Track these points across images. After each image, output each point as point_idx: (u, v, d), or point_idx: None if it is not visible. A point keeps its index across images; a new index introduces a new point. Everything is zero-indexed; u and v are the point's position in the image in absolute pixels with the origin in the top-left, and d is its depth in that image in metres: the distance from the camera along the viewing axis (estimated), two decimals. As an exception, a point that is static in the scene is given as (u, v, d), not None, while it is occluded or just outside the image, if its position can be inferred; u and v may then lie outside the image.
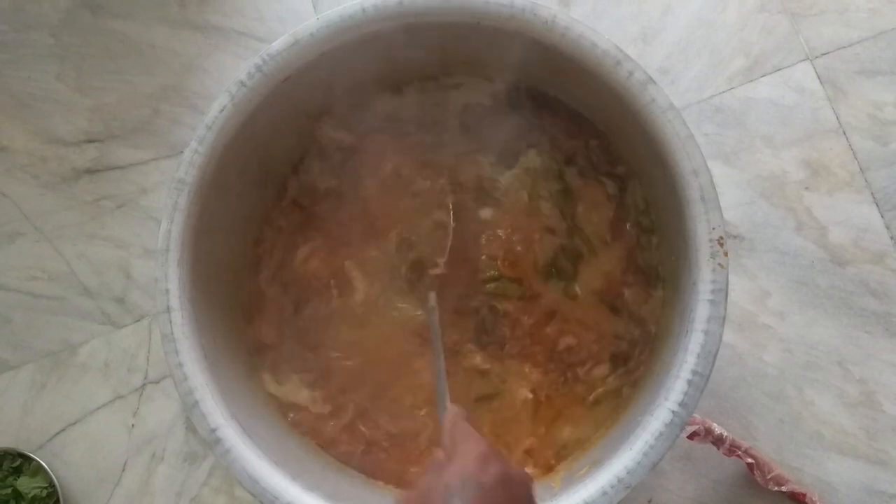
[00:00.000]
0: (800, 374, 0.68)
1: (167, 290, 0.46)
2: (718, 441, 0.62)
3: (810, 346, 0.68)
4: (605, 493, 0.43)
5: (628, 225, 0.56)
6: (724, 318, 0.43)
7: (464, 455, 0.38)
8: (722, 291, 0.43)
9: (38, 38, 0.75)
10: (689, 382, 0.43)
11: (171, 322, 0.46)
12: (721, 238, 0.43)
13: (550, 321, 0.57)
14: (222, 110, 0.47)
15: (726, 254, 0.43)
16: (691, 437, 0.62)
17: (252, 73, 0.48)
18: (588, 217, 0.57)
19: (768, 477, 0.63)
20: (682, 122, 0.45)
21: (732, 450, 0.62)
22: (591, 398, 0.55)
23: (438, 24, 0.48)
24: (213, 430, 0.45)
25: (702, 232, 0.44)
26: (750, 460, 0.63)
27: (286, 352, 0.57)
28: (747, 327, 0.68)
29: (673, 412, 0.43)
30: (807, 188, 0.70)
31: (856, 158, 0.70)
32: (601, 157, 0.57)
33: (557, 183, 0.57)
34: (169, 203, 0.47)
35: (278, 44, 0.48)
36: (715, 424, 0.62)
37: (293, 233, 0.59)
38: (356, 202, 0.59)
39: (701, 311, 0.43)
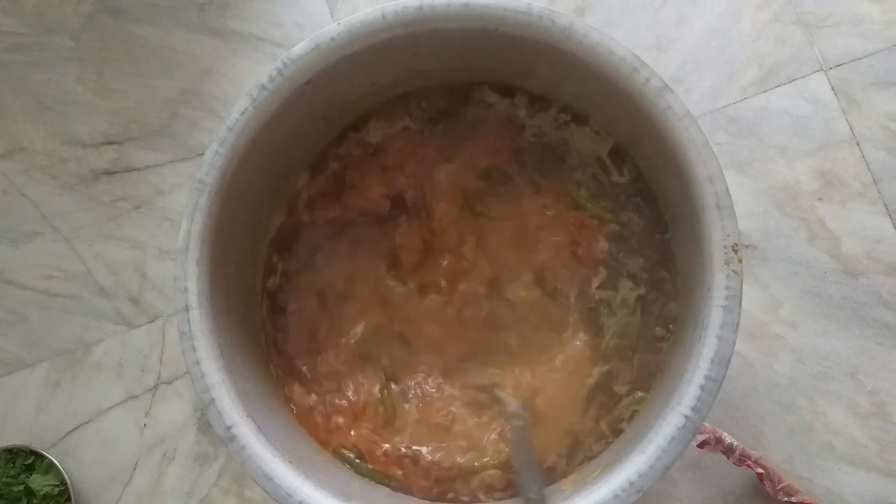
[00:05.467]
0: (811, 384, 0.67)
1: (186, 289, 0.47)
2: (728, 450, 0.62)
3: (822, 357, 0.68)
4: (616, 497, 0.43)
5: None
6: (737, 325, 0.43)
7: None
8: (736, 298, 0.43)
9: (59, 42, 0.76)
10: (702, 388, 0.43)
11: (189, 320, 0.46)
12: (735, 245, 0.43)
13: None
14: (243, 112, 0.48)
15: (740, 260, 0.43)
16: (701, 445, 0.62)
17: (273, 77, 0.48)
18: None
19: (778, 487, 0.63)
20: (699, 129, 0.45)
21: (742, 459, 0.62)
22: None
23: (458, 29, 0.48)
24: (229, 428, 0.45)
25: (716, 238, 0.44)
26: (760, 470, 0.63)
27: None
28: (759, 336, 0.68)
29: (686, 417, 0.43)
30: (820, 199, 0.70)
31: (869, 170, 0.70)
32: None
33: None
34: (189, 203, 0.48)
35: (299, 48, 0.48)
36: (725, 433, 0.62)
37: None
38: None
39: (715, 317, 0.43)
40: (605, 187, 0.57)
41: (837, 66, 0.72)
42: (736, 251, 0.43)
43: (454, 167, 0.58)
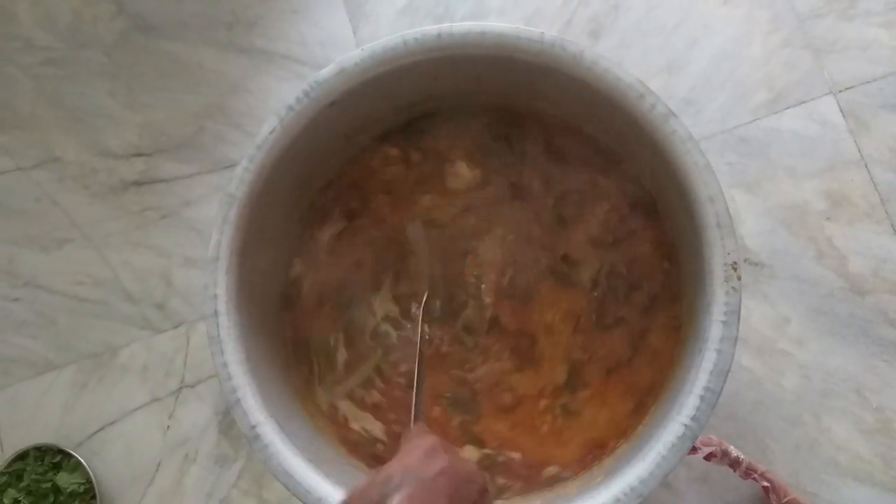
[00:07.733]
0: (817, 400, 0.68)
1: (215, 296, 0.49)
2: (735, 464, 0.63)
3: (828, 374, 0.69)
4: (618, 500, 0.45)
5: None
6: (736, 339, 0.45)
7: (409, 451, 0.38)
8: (735, 313, 0.45)
9: (92, 57, 0.79)
10: (702, 398, 0.45)
11: (218, 325, 0.49)
12: (735, 263, 0.45)
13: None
14: (271, 131, 0.51)
15: (739, 278, 0.45)
16: (708, 458, 0.63)
17: (300, 98, 0.51)
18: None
19: (784, 501, 0.64)
20: (700, 151, 0.47)
21: (749, 473, 0.63)
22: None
23: (475, 56, 0.51)
24: (253, 427, 0.48)
25: (717, 256, 0.46)
26: (766, 484, 0.63)
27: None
28: (766, 353, 0.70)
29: (685, 426, 0.45)
30: (828, 218, 0.71)
31: (876, 190, 0.71)
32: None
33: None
34: (220, 216, 0.50)
35: (325, 72, 0.51)
36: (732, 447, 0.63)
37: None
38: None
39: (714, 332, 0.45)
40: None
41: (846, 89, 0.73)
42: (735, 269, 0.45)
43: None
